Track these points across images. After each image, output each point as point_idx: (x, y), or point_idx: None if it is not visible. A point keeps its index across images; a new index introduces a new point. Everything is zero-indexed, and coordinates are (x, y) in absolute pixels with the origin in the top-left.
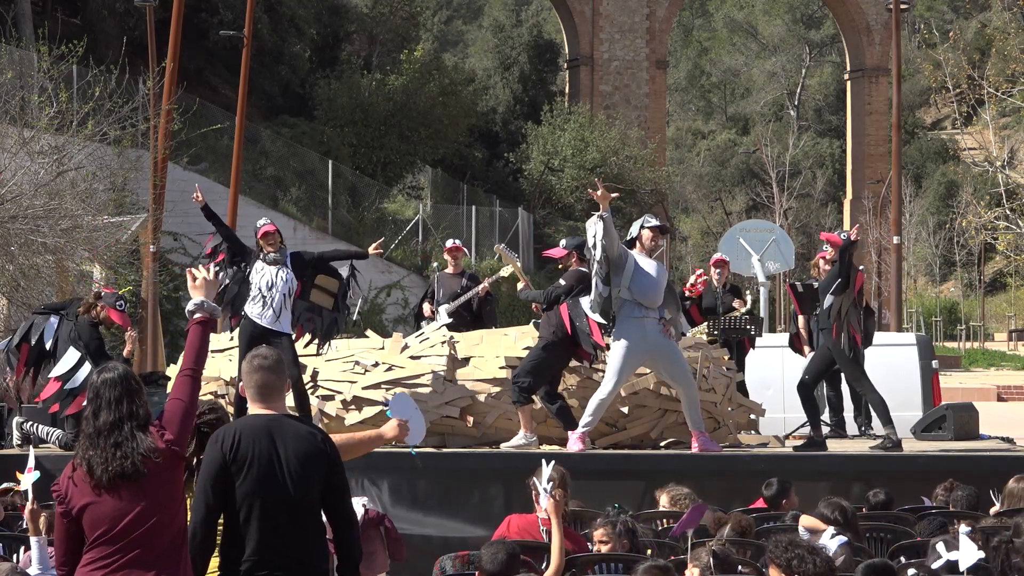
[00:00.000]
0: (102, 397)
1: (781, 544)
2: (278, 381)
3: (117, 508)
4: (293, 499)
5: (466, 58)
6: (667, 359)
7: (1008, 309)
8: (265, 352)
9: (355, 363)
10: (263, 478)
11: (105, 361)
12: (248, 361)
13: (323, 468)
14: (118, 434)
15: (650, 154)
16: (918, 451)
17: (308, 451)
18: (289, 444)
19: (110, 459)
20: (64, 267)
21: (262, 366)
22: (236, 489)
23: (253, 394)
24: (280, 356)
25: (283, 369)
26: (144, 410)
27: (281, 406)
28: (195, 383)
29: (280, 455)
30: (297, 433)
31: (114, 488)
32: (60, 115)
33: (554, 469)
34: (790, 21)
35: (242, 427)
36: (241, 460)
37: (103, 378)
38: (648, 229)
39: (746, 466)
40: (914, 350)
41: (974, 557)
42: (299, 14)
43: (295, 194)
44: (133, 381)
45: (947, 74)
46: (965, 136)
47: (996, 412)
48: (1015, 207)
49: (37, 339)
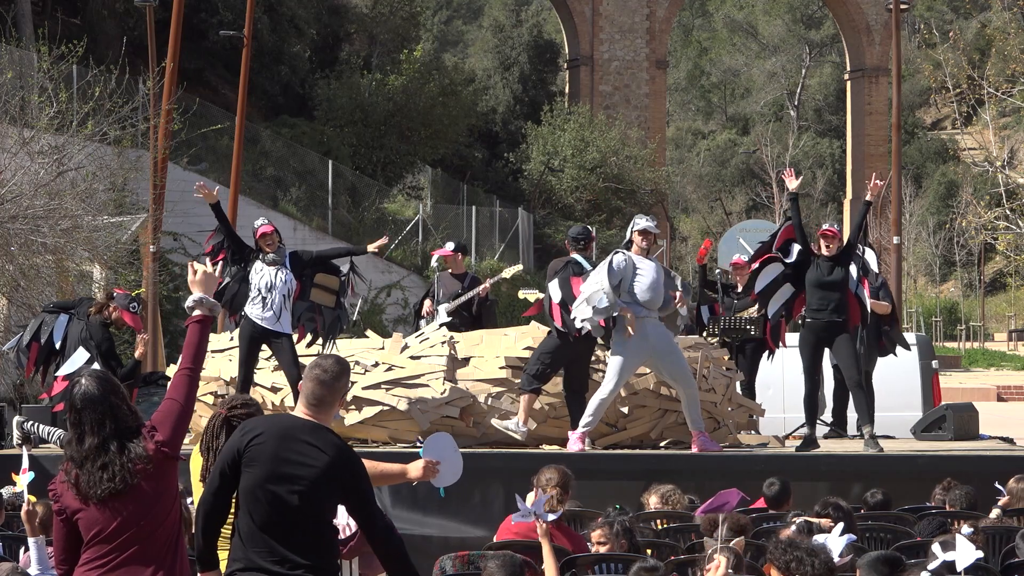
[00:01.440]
0: (84, 422)
1: (781, 545)
2: (329, 396)
3: (110, 513)
4: (291, 505)
5: (466, 58)
6: (668, 359)
7: (1008, 309)
8: (327, 365)
9: (355, 363)
10: (266, 477)
11: (114, 363)
12: (310, 367)
13: (337, 482)
14: (104, 456)
15: (650, 154)
16: (918, 451)
17: (323, 462)
18: (305, 452)
19: (97, 482)
20: (64, 267)
21: (318, 378)
22: (242, 481)
23: (303, 397)
24: (339, 371)
25: (338, 386)
26: (131, 418)
27: (324, 417)
28: (192, 382)
29: (291, 460)
30: (319, 443)
31: (106, 503)
32: (60, 115)
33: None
34: (790, 21)
35: (267, 424)
36: (252, 454)
37: (83, 400)
38: (637, 233)
39: (746, 466)
40: (914, 350)
41: (972, 557)
42: (299, 14)
43: (295, 194)
44: (112, 392)
45: (947, 74)
46: (965, 136)
47: (996, 412)
48: (1015, 207)
49: (47, 338)
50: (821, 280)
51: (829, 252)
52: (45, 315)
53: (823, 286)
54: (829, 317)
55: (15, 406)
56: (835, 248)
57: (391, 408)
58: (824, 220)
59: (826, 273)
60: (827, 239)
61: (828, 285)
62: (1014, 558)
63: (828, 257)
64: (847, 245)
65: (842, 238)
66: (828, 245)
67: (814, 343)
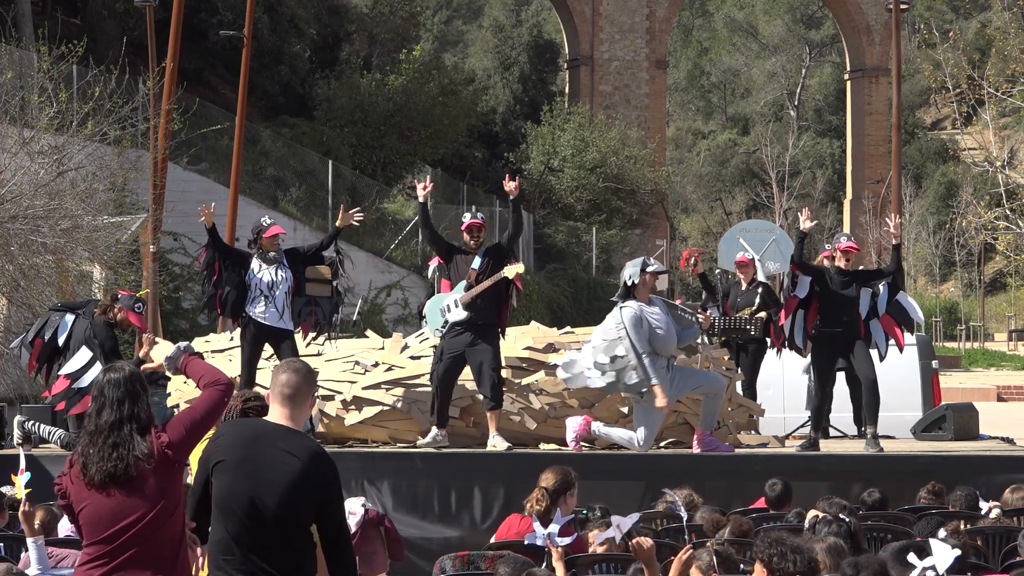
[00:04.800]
0: (106, 396)
1: (766, 540)
2: (305, 387)
3: (112, 509)
4: (264, 514)
5: (466, 58)
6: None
7: (1008, 309)
8: (297, 362)
9: (355, 363)
10: (235, 485)
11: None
12: (277, 368)
13: (309, 489)
14: (117, 434)
15: (650, 154)
16: (918, 451)
17: (296, 469)
18: (278, 458)
19: (105, 458)
20: (64, 267)
21: (293, 367)
22: (213, 489)
23: (276, 397)
24: (308, 367)
25: (311, 378)
26: (146, 413)
27: (299, 416)
28: (222, 401)
29: (263, 466)
30: (293, 449)
31: (106, 488)
32: (60, 115)
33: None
34: (790, 21)
35: (238, 430)
36: (220, 461)
37: (108, 377)
38: (650, 275)
39: (746, 466)
40: (914, 350)
41: (950, 558)
42: (299, 14)
43: (295, 194)
44: (138, 383)
45: (947, 74)
46: (965, 136)
47: (996, 412)
48: (1015, 207)
49: (51, 335)
50: (835, 294)
51: (846, 265)
52: (51, 314)
53: (837, 300)
54: (843, 328)
55: (15, 406)
56: (851, 261)
57: (391, 408)
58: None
59: (840, 288)
60: (846, 254)
61: (842, 299)
62: (1014, 558)
63: (843, 271)
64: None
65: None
66: (846, 258)
67: (828, 355)
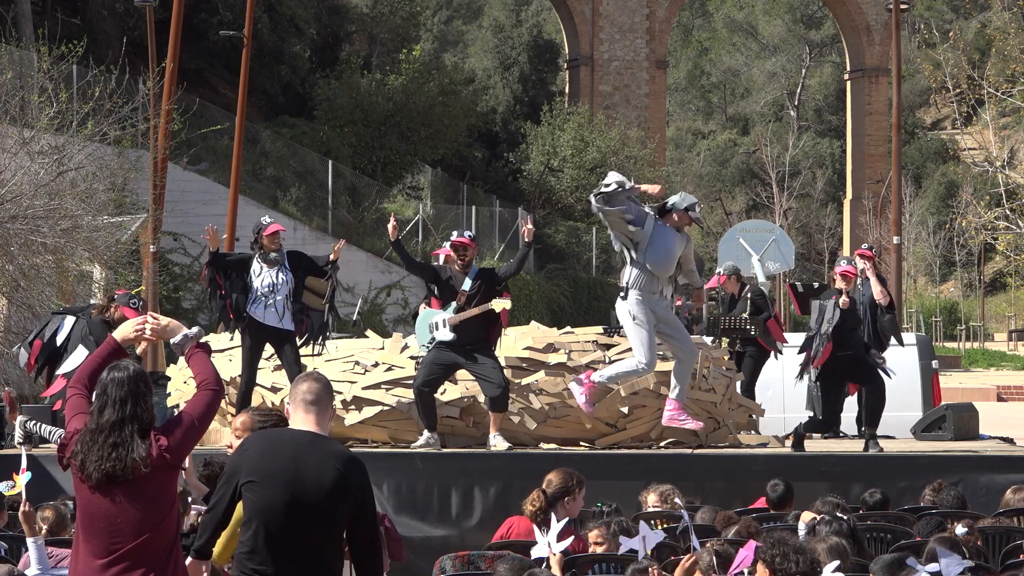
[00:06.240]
0: (108, 395)
1: (769, 540)
2: (326, 396)
3: (108, 509)
4: (299, 520)
5: (466, 58)
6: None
7: (1008, 309)
8: (315, 372)
9: (355, 363)
10: (270, 494)
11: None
12: (298, 379)
13: (348, 493)
14: (118, 434)
15: (650, 154)
16: (918, 451)
17: (332, 476)
18: (313, 464)
19: (104, 458)
20: (64, 267)
21: (314, 377)
22: (245, 499)
23: (299, 405)
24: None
25: (331, 387)
26: (149, 414)
27: (324, 424)
28: (215, 402)
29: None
30: (326, 456)
31: (103, 488)
32: (60, 115)
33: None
34: (790, 21)
35: (259, 443)
36: (252, 472)
37: (112, 376)
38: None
39: (746, 466)
40: (914, 350)
41: (960, 566)
42: (299, 14)
43: (295, 194)
44: (142, 383)
45: (947, 74)
46: (965, 136)
47: (996, 412)
48: (1015, 207)
49: (51, 336)
50: (841, 327)
51: (847, 287)
52: (53, 316)
53: (842, 331)
54: (851, 350)
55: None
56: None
57: (391, 408)
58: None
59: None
60: (846, 280)
61: (847, 330)
62: (1014, 558)
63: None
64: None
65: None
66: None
67: (838, 379)
